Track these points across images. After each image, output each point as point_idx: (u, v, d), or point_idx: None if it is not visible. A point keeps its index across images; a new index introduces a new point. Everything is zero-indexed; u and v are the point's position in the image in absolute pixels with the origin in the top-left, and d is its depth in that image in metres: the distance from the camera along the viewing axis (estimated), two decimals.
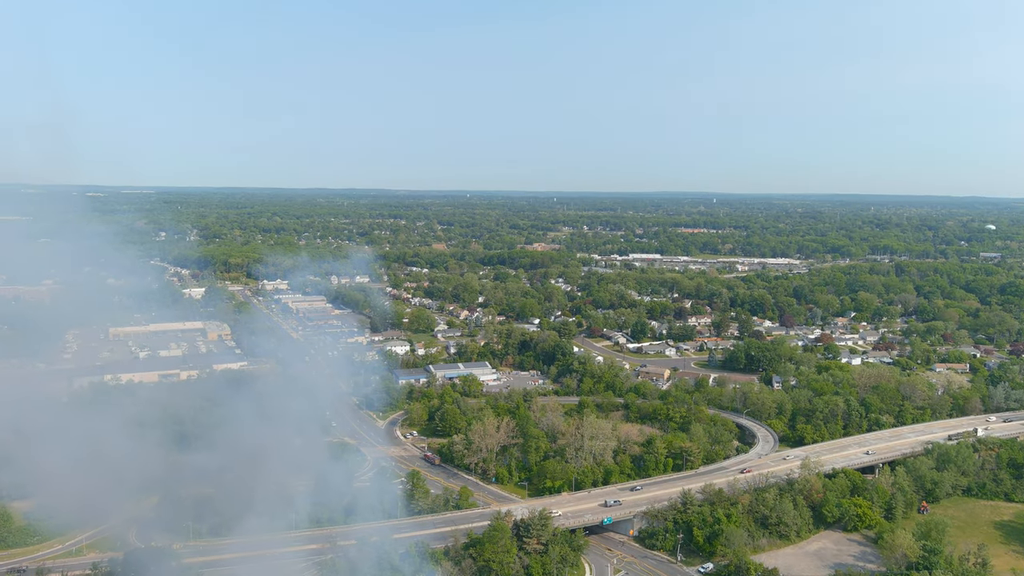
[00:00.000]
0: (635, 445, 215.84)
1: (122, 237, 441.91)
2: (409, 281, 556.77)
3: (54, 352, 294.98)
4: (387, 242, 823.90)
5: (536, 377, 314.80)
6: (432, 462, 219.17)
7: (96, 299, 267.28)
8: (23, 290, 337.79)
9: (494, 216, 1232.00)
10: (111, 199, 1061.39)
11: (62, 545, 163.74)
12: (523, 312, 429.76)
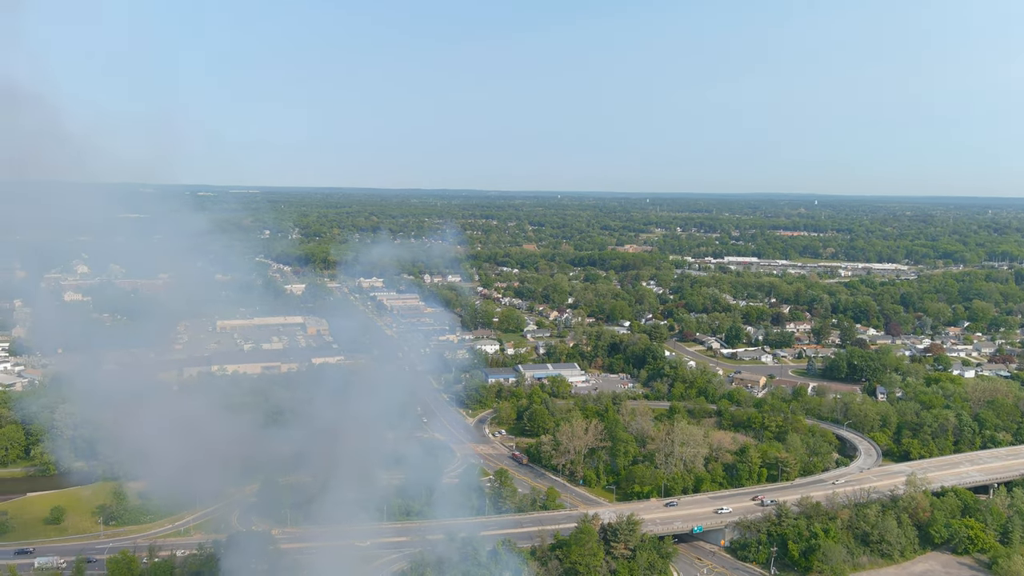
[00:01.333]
0: (727, 453, 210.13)
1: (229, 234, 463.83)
2: (500, 281, 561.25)
3: (166, 342, 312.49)
4: (479, 242, 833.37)
5: (626, 380, 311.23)
6: (520, 461, 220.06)
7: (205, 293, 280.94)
8: (140, 283, 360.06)
9: (585, 217, 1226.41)
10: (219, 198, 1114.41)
11: (171, 525, 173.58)
12: (613, 314, 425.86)
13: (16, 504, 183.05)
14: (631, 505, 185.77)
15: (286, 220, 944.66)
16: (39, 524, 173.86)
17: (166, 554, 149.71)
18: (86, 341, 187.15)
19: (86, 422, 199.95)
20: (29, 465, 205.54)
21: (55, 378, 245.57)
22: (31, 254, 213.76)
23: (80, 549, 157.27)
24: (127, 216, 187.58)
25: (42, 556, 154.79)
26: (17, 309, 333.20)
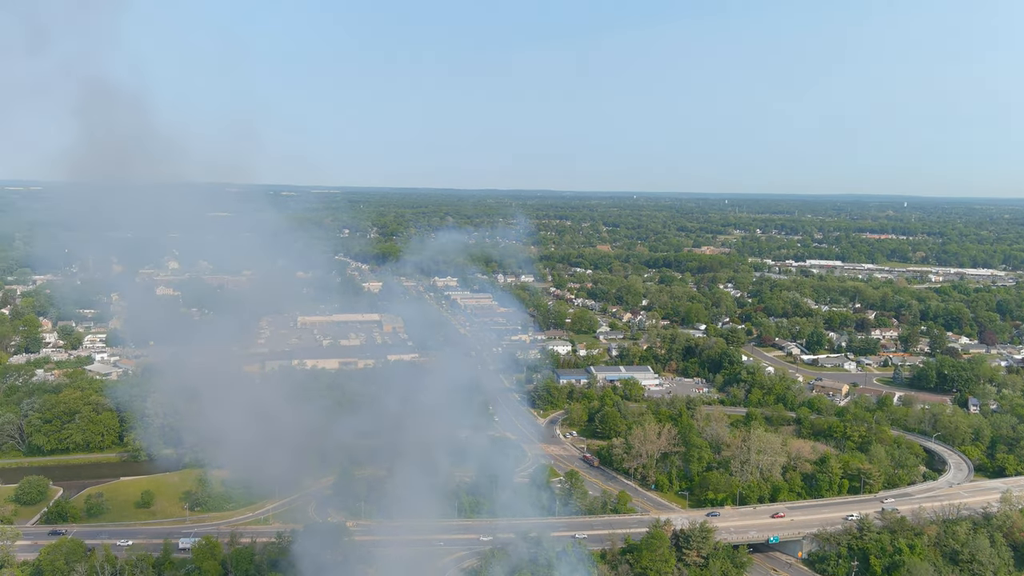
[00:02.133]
0: (807, 463, 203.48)
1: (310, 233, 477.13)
2: (572, 282, 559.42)
3: (250, 337, 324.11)
4: (552, 243, 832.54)
5: (700, 385, 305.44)
6: (591, 463, 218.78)
7: (287, 290, 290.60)
8: (226, 279, 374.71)
9: (661, 218, 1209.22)
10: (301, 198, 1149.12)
11: (252, 513, 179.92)
12: (689, 317, 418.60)
13: (110, 487, 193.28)
14: (704, 512, 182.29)
15: (365, 219, 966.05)
16: (131, 507, 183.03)
17: (247, 541, 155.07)
18: (175, 334, 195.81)
19: (174, 411, 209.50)
20: (123, 451, 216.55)
21: (147, 369, 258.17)
22: (127, 250, 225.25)
23: (167, 533, 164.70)
24: (215, 215, 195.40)
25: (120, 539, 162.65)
26: (114, 302, 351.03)
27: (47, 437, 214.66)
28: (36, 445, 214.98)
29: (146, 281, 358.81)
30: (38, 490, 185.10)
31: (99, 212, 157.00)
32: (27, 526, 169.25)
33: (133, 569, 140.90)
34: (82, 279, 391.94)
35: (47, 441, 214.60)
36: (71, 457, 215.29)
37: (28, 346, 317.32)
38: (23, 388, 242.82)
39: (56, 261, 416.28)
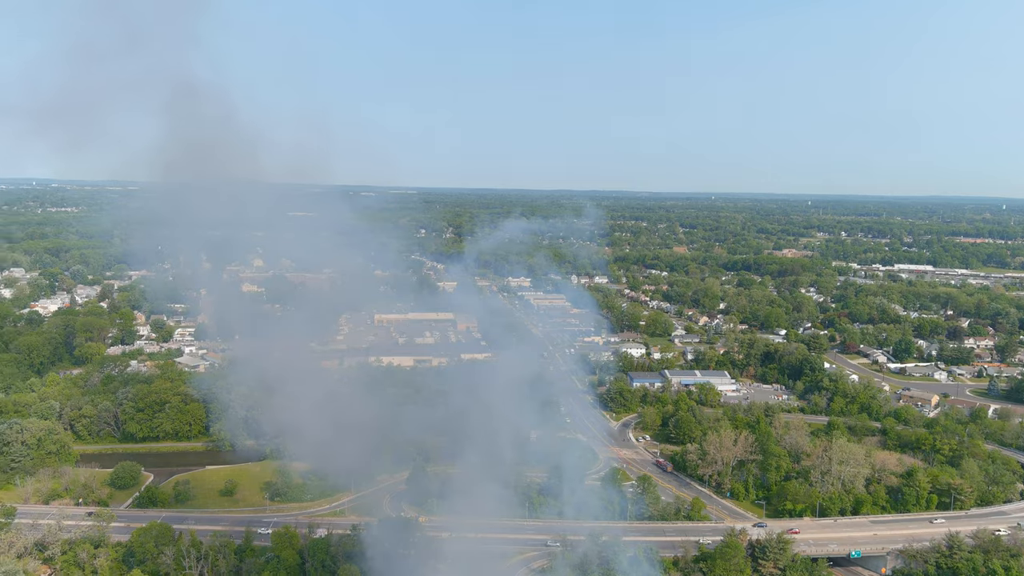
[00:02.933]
0: (892, 475, 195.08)
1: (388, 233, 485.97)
2: (648, 284, 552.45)
3: (329, 333, 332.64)
4: (627, 244, 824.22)
5: (780, 392, 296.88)
6: (664, 468, 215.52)
7: (365, 288, 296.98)
8: (307, 277, 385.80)
9: (740, 219, 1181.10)
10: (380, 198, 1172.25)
11: (328, 505, 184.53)
12: (768, 321, 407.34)
13: (196, 475, 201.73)
14: (782, 522, 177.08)
15: (441, 219, 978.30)
16: (215, 495, 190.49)
17: (323, 532, 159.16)
18: (259, 329, 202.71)
19: (256, 404, 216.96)
20: (208, 440, 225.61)
21: (232, 362, 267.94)
22: (215, 248, 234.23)
23: (249, 520, 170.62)
24: (297, 214, 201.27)
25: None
26: (202, 298, 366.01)
27: (140, 425, 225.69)
28: (129, 432, 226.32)
29: (232, 278, 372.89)
30: (131, 475, 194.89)
31: (188, 211, 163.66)
32: (120, 509, 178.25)
33: (216, 554, 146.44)
34: (173, 275, 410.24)
35: (139, 429, 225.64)
36: (161, 445, 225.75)
37: (124, 338, 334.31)
38: (118, 378, 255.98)
39: (150, 258, 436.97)
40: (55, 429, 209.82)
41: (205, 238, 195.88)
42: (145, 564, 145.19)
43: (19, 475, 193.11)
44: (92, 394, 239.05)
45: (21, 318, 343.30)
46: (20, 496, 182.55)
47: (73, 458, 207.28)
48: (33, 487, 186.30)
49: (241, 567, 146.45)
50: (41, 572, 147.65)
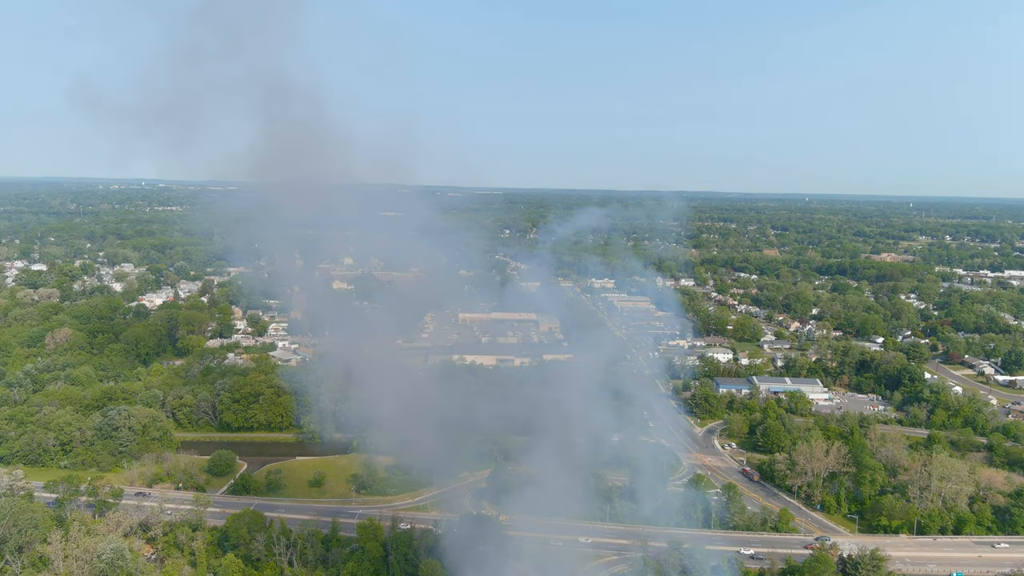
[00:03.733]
0: (999, 494, 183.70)
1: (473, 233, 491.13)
2: (736, 287, 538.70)
3: (414, 331, 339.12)
4: (715, 246, 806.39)
5: (876, 402, 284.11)
6: (750, 477, 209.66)
7: (450, 287, 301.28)
8: (395, 275, 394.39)
9: (835, 222, 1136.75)
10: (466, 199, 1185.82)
11: (411, 500, 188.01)
12: (864, 328, 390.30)
13: (287, 465, 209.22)
14: (876, 539, 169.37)
15: (525, 219, 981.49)
16: (304, 485, 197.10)
17: (406, 526, 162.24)
18: (348, 326, 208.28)
19: (345, 398, 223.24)
20: (299, 432, 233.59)
21: (322, 357, 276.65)
22: (308, 246, 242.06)
23: (335, 511, 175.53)
24: (386, 214, 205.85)
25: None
26: (295, 294, 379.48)
27: (235, 415, 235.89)
28: (226, 422, 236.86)
29: (323, 275, 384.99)
30: (227, 463, 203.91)
31: (282, 210, 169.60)
32: (216, 495, 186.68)
33: (305, 543, 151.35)
34: (269, 272, 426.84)
35: (235, 419, 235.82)
36: (254, 435, 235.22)
37: (222, 332, 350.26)
38: (216, 370, 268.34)
39: (247, 255, 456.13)
40: (159, 417, 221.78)
41: (298, 237, 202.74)
42: (238, 549, 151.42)
43: (126, 459, 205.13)
44: (192, 384, 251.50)
45: (129, 311, 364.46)
46: (127, 479, 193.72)
47: (174, 444, 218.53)
48: (138, 471, 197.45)
49: (328, 556, 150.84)
50: (144, 551, 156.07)
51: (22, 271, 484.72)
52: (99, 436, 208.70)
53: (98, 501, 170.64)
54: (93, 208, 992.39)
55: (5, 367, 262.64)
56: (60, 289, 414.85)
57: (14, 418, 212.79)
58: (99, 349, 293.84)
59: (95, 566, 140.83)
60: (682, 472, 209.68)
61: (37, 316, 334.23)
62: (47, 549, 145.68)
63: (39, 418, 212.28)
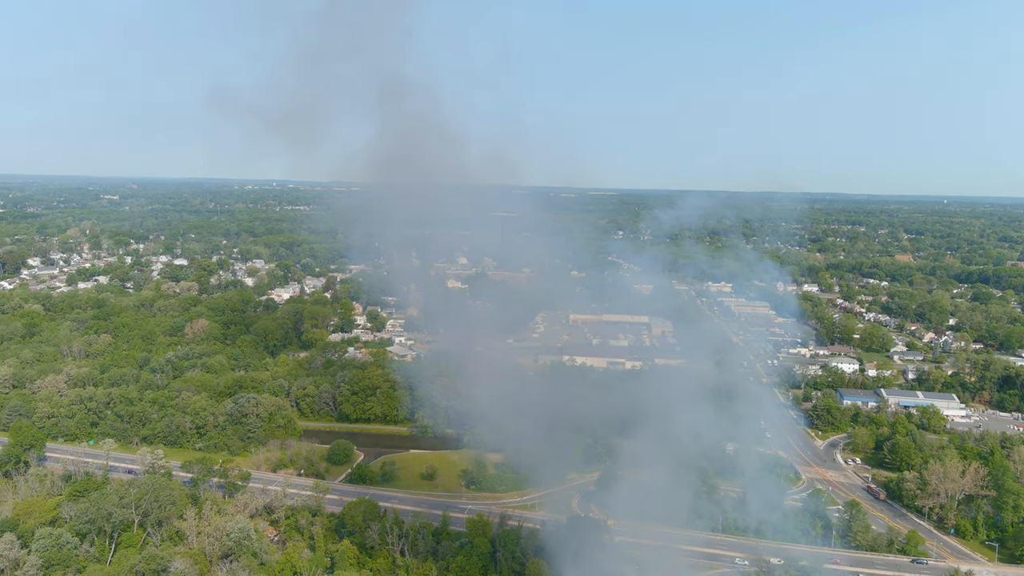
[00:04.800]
0: None
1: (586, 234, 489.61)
2: (864, 294, 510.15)
3: (526, 331, 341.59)
4: (842, 250, 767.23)
5: (1020, 421, 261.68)
6: (876, 495, 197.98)
7: (562, 288, 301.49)
8: (507, 275, 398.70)
9: (978, 226, 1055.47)
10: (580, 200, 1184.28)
11: (520, 498, 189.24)
12: (1008, 341, 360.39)
13: (401, 458, 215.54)
14: (1019, 570, 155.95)
15: (640, 221, 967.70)
16: (417, 478, 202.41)
17: (514, 524, 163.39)
18: (461, 324, 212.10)
19: (457, 394, 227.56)
20: (412, 426, 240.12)
21: (436, 353, 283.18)
22: (425, 245, 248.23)
23: (446, 505, 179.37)
24: (500, 214, 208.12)
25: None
26: (412, 292, 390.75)
27: (353, 407, 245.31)
28: (345, 413, 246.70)
29: (439, 274, 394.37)
30: (345, 453, 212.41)
31: (399, 210, 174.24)
32: (335, 483, 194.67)
33: (416, 534, 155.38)
34: (387, 270, 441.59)
35: (353, 410, 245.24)
36: (370, 426, 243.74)
37: (343, 326, 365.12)
38: (337, 363, 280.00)
39: (368, 253, 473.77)
40: (284, 405, 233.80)
41: (415, 236, 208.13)
42: (354, 536, 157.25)
43: (253, 444, 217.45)
44: (315, 376, 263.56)
45: (260, 304, 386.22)
46: (254, 463, 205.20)
47: (297, 432, 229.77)
48: (264, 456, 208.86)
49: (438, 549, 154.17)
50: (268, 532, 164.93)
51: (166, 265, 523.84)
52: (230, 421, 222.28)
53: (228, 483, 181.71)
54: (229, 207, 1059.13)
55: (150, 354, 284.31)
56: (199, 283, 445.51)
57: (156, 401, 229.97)
58: (232, 340, 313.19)
59: (224, 543, 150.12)
60: (801, 485, 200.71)
61: (178, 307, 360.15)
62: (183, 525, 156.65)
63: (178, 402, 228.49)
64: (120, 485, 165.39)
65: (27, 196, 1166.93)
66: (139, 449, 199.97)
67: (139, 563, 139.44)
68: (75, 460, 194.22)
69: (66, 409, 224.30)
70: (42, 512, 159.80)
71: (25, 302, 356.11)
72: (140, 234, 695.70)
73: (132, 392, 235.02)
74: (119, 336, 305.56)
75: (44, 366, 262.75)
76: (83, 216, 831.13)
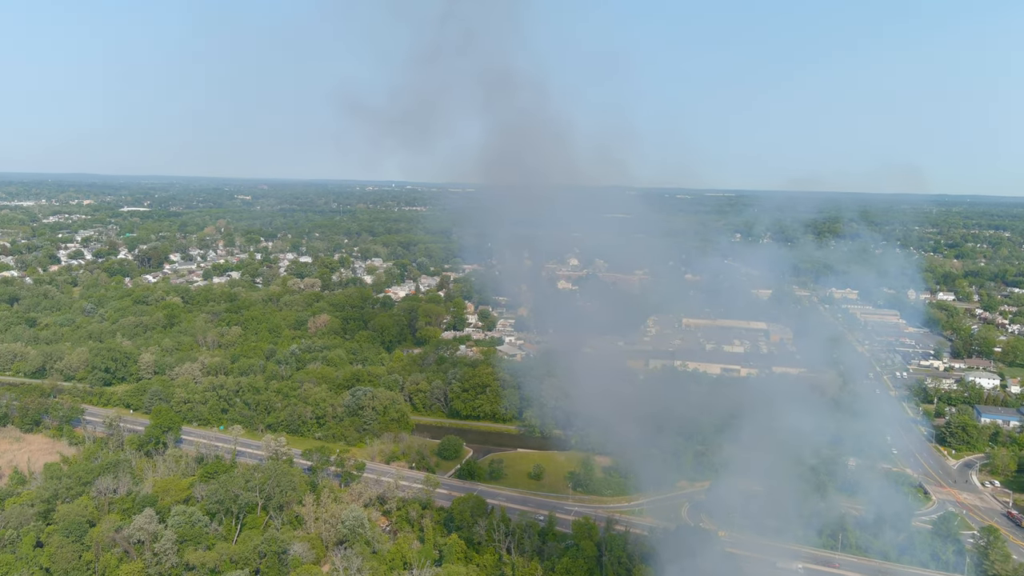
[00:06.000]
0: None
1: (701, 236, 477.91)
2: (1008, 304, 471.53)
3: (636, 334, 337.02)
4: (982, 256, 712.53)
5: None
6: (1018, 523, 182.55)
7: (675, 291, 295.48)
8: (620, 277, 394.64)
9: None
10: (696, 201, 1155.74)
11: (627, 503, 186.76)
12: None
13: (509, 456, 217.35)
14: None
15: (759, 224, 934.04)
16: (524, 477, 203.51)
17: (621, 528, 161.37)
18: (571, 325, 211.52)
19: (565, 395, 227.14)
20: (520, 425, 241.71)
21: (545, 354, 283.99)
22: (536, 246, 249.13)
23: (552, 506, 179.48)
24: (613, 215, 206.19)
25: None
26: (522, 292, 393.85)
27: (464, 404, 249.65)
28: (455, 409, 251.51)
29: (549, 275, 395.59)
30: (455, 448, 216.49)
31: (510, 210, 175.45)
32: (444, 477, 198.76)
33: (523, 533, 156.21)
34: (499, 270, 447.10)
35: (463, 407, 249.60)
36: (479, 424, 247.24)
37: (455, 325, 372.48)
38: (449, 360, 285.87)
39: (480, 253, 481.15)
40: (398, 399, 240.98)
41: (526, 236, 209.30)
42: (462, 531, 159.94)
43: (368, 436, 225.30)
44: (427, 372, 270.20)
45: (377, 301, 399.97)
46: (368, 454, 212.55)
47: (410, 426, 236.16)
48: (378, 448, 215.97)
49: (543, 549, 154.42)
50: (380, 522, 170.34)
51: (292, 262, 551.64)
52: (347, 413, 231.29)
53: (344, 472, 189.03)
54: (351, 207, 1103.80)
55: (276, 346, 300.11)
56: (321, 279, 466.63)
57: (281, 391, 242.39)
58: (350, 334, 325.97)
59: (339, 530, 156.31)
60: (930, 506, 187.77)
61: (302, 303, 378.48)
62: (301, 510, 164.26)
63: (300, 393, 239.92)
64: (246, 469, 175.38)
65: (171, 196, 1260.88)
66: (264, 436, 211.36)
67: (261, 544, 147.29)
68: (207, 443, 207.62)
69: (200, 395, 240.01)
70: (177, 491, 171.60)
71: (167, 295, 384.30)
72: (269, 232, 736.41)
73: (259, 382, 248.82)
74: (248, 328, 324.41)
75: (182, 354, 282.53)
76: (219, 215, 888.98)
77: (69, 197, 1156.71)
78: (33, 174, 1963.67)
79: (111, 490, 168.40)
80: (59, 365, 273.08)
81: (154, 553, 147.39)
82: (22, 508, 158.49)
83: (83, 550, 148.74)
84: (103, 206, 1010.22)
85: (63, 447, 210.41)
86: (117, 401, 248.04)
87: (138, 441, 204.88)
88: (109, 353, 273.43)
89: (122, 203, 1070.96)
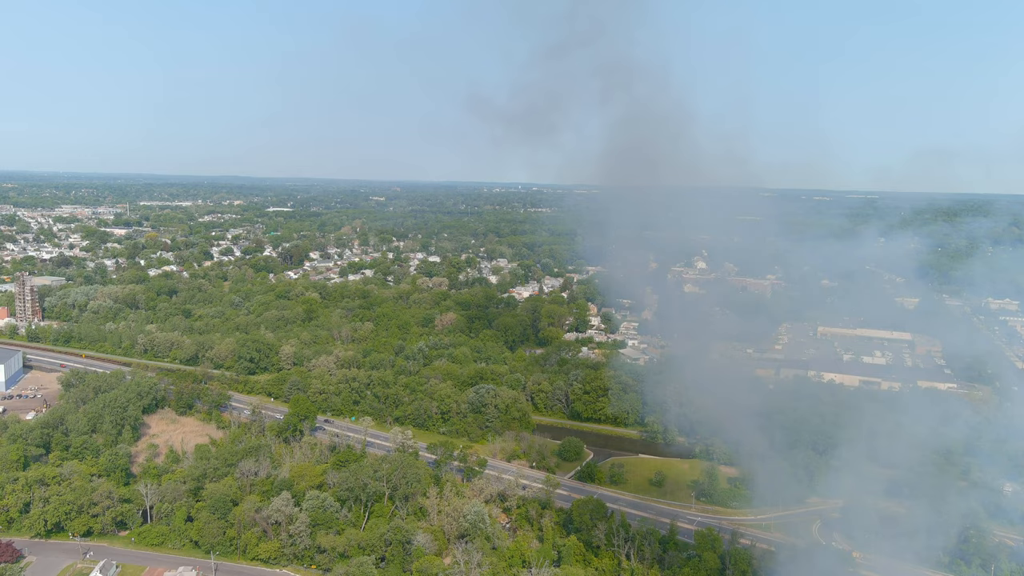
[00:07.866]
0: None
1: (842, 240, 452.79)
2: None
3: (767, 341, 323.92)
4: None
5: None
6: None
7: (810, 297, 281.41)
8: (750, 282, 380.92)
9: None
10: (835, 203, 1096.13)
11: (754, 516, 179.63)
12: None
13: (630, 461, 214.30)
14: None
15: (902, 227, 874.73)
16: (645, 483, 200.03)
17: (747, 543, 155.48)
18: (698, 330, 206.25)
19: (690, 402, 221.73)
20: (642, 430, 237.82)
21: (670, 358, 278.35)
22: (664, 249, 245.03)
23: (673, 514, 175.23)
24: (745, 218, 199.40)
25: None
26: (647, 295, 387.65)
27: (585, 406, 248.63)
28: (576, 411, 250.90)
29: (676, 278, 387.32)
30: (575, 450, 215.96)
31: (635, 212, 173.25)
32: (564, 479, 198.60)
33: (643, 540, 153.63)
34: (623, 272, 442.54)
35: (584, 409, 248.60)
36: (600, 427, 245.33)
37: (578, 326, 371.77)
38: (571, 361, 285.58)
39: (604, 255, 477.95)
40: (519, 398, 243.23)
41: (652, 239, 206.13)
42: (580, 533, 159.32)
43: (491, 433, 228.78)
44: (549, 372, 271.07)
45: (501, 301, 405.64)
46: (490, 451, 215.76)
47: (531, 426, 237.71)
48: (500, 445, 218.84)
49: (664, 558, 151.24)
50: (500, 519, 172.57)
51: (422, 262, 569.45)
52: (471, 409, 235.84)
53: (467, 467, 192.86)
54: (478, 209, 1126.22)
55: (405, 342, 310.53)
56: (448, 279, 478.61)
57: (408, 386, 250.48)
58: (475, 333, 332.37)
59: (460, 524, 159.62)
60: None
61: (430, 301, 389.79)
62: (425, 502, 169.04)
63: (427, 388, 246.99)
64: (375, 460, 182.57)
65: (312, 197, 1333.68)
66: (392, 428, 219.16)
67: (387, 532, 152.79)
68: (339, 433, 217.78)
69: (334, 387, 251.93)
70: (311, 476, 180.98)
71: (306, 290, 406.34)
72: (401, 232, 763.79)
73: (388, 376, 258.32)
74: (379, 324, 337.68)
75: (318, 347, 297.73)
76: (355, 215, 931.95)
77: (222, 198, 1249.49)
78: (191, 176, 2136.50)
79: (252, 472, 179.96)
80: (210, 354, 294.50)
81: (289, 535, 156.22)
82: (176, 484, 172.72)
83: (227, 527, 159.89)
84: (251, 206, 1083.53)
85: (211, 430, 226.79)
86: (260, 389, 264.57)
87: (277, 428, 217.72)
88: (254, 344, 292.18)
89: (268, 204, 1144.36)
